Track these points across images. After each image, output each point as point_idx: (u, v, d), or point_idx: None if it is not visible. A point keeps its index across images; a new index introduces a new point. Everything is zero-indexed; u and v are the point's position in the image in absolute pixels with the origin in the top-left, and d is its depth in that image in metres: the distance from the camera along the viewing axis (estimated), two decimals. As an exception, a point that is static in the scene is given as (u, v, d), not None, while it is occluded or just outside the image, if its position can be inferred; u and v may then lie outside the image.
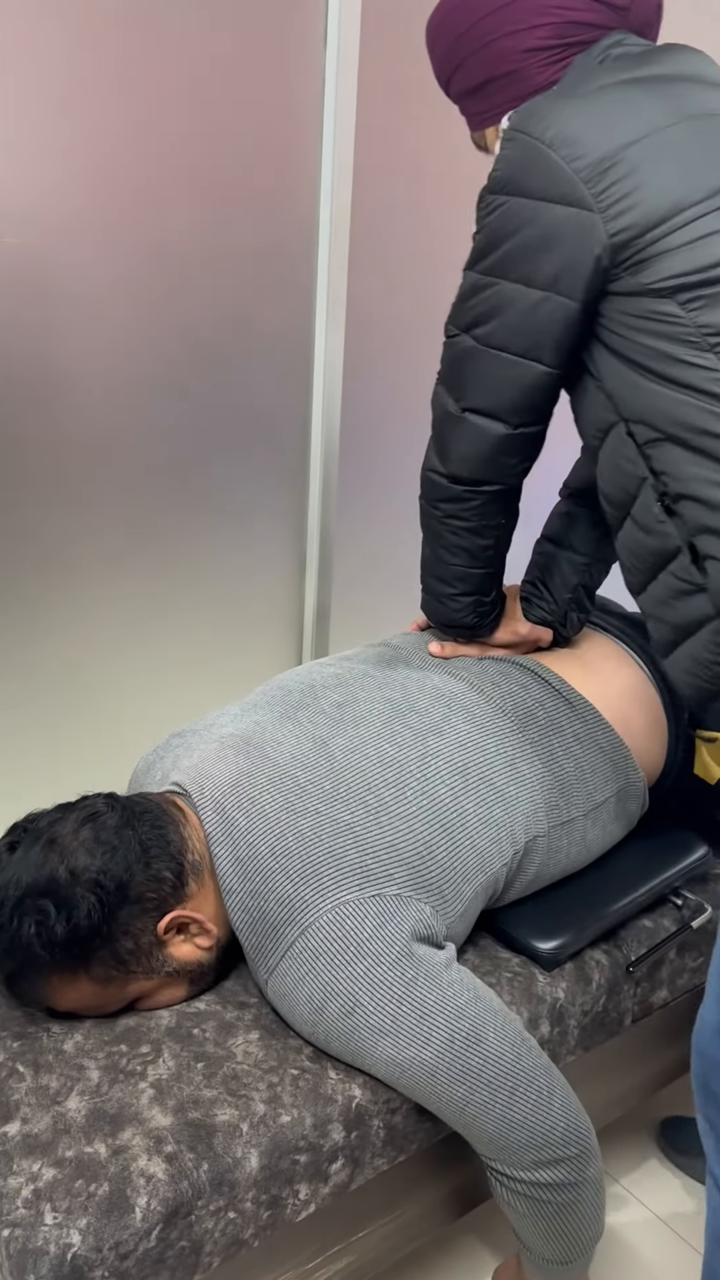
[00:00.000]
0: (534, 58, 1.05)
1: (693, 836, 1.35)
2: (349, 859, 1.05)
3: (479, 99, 1.10)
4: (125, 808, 1.09)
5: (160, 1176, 0.92)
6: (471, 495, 1.15)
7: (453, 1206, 1.19)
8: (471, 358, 1.07)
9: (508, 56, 1.05)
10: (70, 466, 1.53)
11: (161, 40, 1.39)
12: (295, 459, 1.78)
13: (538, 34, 1.03)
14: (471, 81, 1.09)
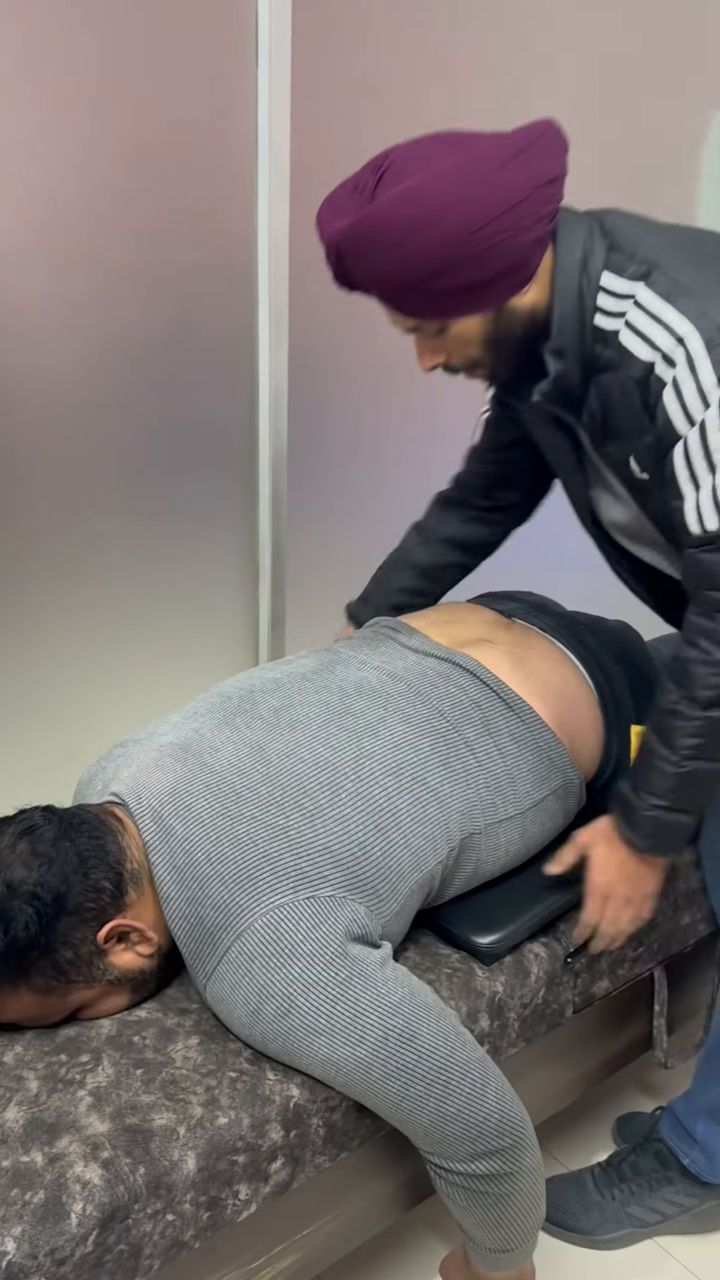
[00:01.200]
0: (539, 247, 1.05)
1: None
2: (284, 862, 1.07)
3: (473, 295, 1.05)
4: (62, 820, 1.10)
5: (96, 1182, 0.93)
6: None
7: (399, 1201, 1.20)
8: None
9: (520, 249, 1.02)
10: (16, 481, 1.54)
11: (92, 57, 1.40)
12: (244, 469, 1.79)
13: (544, 224, 1.04)
14: (471, 278, 1.03)
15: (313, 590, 1.97)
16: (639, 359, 1.04)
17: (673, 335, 1.02)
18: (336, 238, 1.03)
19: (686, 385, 1.02)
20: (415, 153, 1.02)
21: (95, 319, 1.53)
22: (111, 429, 1.61)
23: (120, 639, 1.75)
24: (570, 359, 1.09)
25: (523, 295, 1.07)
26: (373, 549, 2.02)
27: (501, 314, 1.08)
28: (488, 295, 1.06)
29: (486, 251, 1.01)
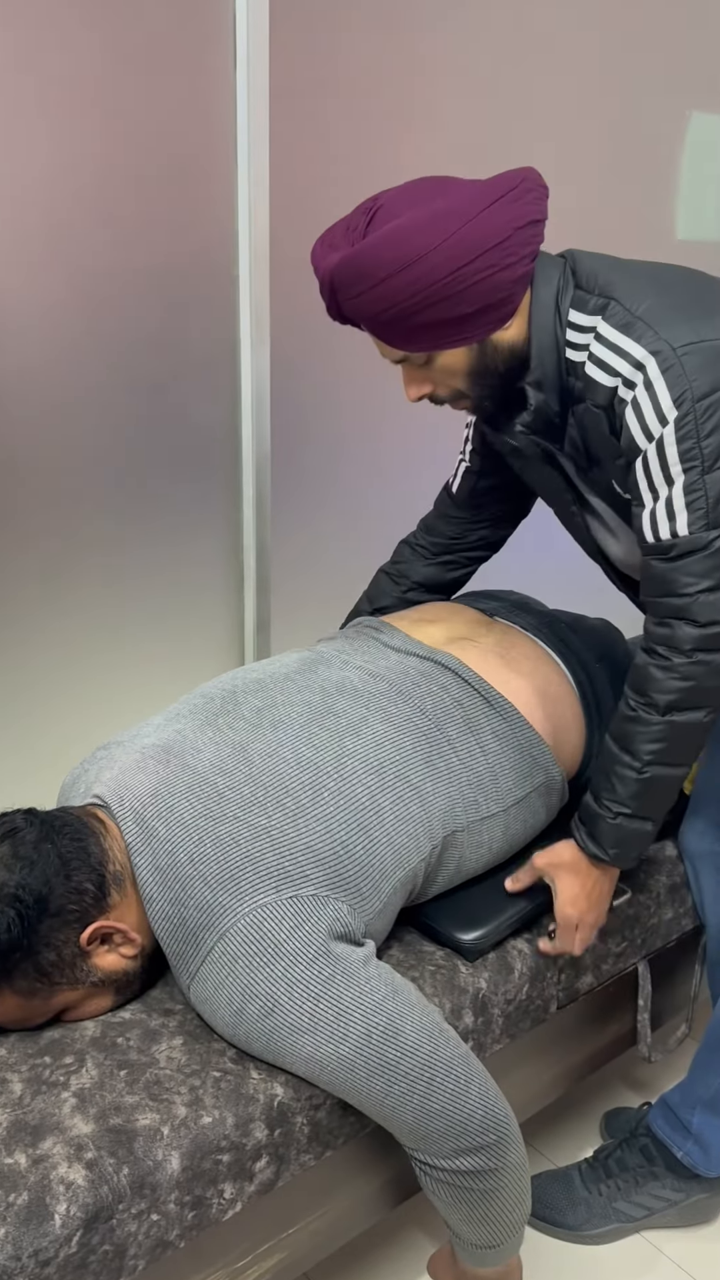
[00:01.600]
0: (520, 284, 1.11)
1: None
2: (266, 862, 1.07)
3: (458, 328, 1.11)
4: (44, 822, 1.10)
5: (80, 1183, 0.93)
6: None
7: (385, 1198, 1.21)
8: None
9: (502, 285, 1.09)
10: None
11: (71, 60, 1.40)
12: (227, 473, 1.80)
13: (524, 264, 1.10)
14: (457, 312, 1.09)
15: (298, 592, 1.98)
16: (603, 386, 1.10)
17: (630, 362, 1.08)
18: (330, 273, 1.10)
19: (645, 405, 1.07)
20: (404, 196, 1.09)
21: (76, 322, 1.53)
22: (94, 432, 1.61)
23: (105, 643, 1.75)
24: (548, 390, 1.16)
25: (505, 330, 1.13)
26: (357, 550, 2.03)
27: (485, 347, 1.13)
28: (472, 329, 1.11)
29: (470, 287, 1.07)
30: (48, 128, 1.41)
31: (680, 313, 1.08)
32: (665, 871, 1.43)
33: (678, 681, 1.12)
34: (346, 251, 1.08)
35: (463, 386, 1.17)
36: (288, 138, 1.65)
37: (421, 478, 2.06)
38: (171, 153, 1.54)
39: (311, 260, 1.13)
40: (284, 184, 1.67)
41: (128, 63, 1.46)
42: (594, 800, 1.20)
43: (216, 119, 1.57)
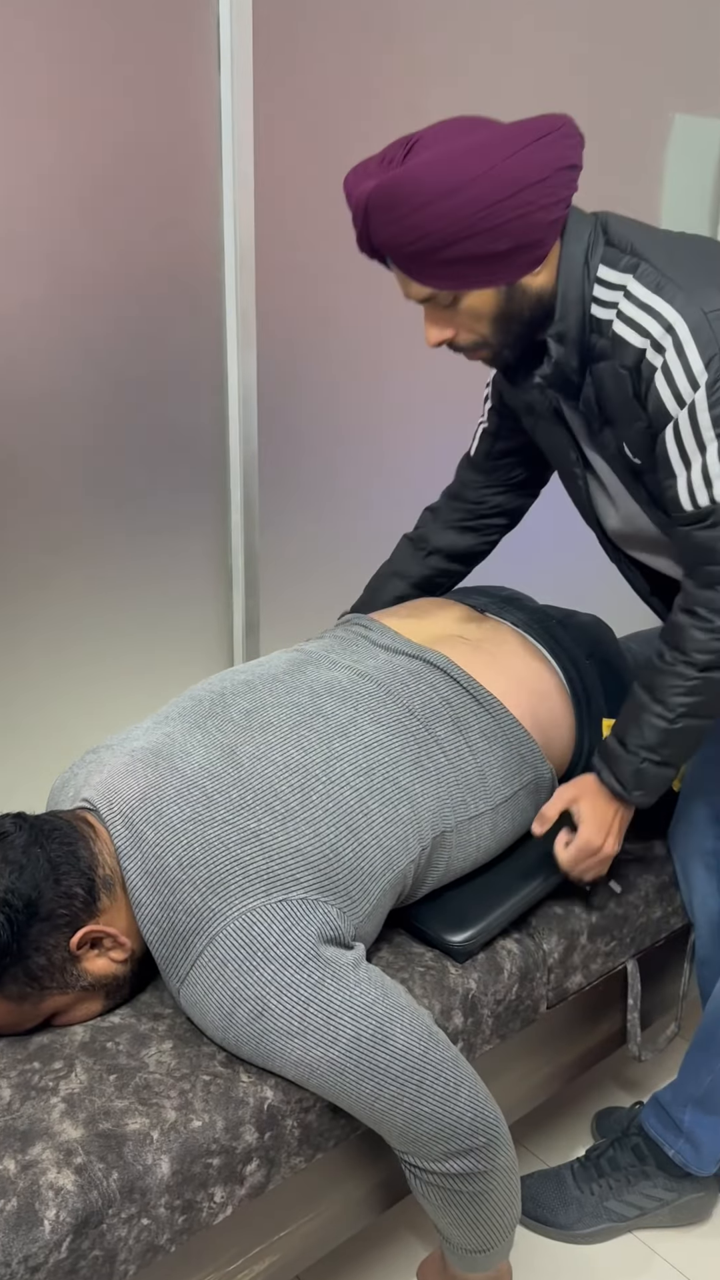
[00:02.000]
0: (554, 228, 1.10)
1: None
2: (255, 866, 1.07)
3: (489, 266, 1.10)
4: (33, 826, 1.10)
5: (69, 1188, 0.93)
6: None
7: (375, 1201, 1.21)
8: None
9: (539, 226, 1.08)
10: (-20, 491, 1.54)
11: (56, 66, 1.40)
12: (215, 474, 1.80)
13: (560, 208, 1.09)
14: (491, 249, 1.07)
15: (286, 595, 1.98)
16: (631, 346, 1.10)
17: (661, 323, 1.07)
18: (365, 198, 1.07)
19: (676, 369, 1.07)
20: (443, 130, 1.08)
21: (64, 327, 1.53)
22: (82, 437, 1.61)
23: (94, 647, 1.74)
24: (570, 345, 1.15)
25: (534, 276, 1.12)
26: (346, 552, 2.03)
27: (513, 291, 1.12)
28: (503, 270, 1.10)
29: (507, 223, 1.06)
30: (35, 133, 1.41)
31: (712, 278, 1.09)
32: (654, 870, 1.44)
33: (710, 646, 1.15)
34: (385, 176, 1.06)
35: (486, 332, 1.16)
36: (272, 141, 1.65)
37: (410, 478, 2.06)
38: (157, 157, 1.54)
39: (345, 189, 1.11)
40: (268, 187, 1.68)
41: (113, 68, 1.45)
42: (619, 744, 1.23)
43: (201, 123, 1.57)
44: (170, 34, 1.49)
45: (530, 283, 1.13)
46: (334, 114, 1.71)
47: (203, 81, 1.55)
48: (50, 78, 1.41)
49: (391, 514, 2.06)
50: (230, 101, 1.57)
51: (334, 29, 1.66)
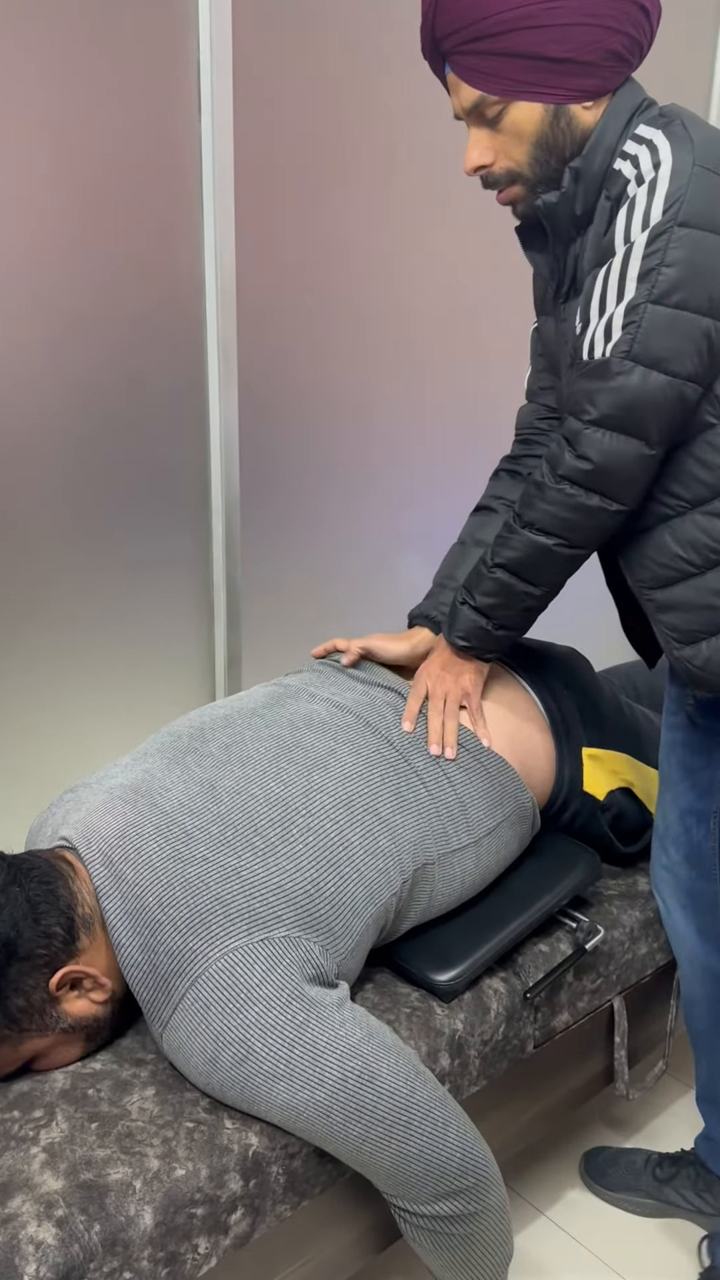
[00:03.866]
0: (610, 62, 1.08)
1: (581, 851, 1.37)
2: (236, 904, 1.06)
3: (542, 71, 1.08)
4: (12, 865, 1.08)
5: (50, 1242, 0.91)
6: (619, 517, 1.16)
7: (365, 1247, 1.18)
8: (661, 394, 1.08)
9: (599, 47, 1.07)
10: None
11: (35, 103, 1.42)
12: (197, 512, 1.80)
13: (624, 41, 1.08)
14: (548, 51, 1.06)
15: (268, 630, 1.98)
16: (622, 177, 1.10)
17: (653, 159, 1.06)
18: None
19: (639, 204, 1.06)
20: None
21: (47, 367, 1.53)
22: (65, 474, 1.61)
23: (76, 683, 1.73)
24: (584, 186, 1.13)
25: (585, 109, 1.11)
26: (327, 588, 2.03)
27: (560, 116, 1.11)
28: (555, 82, 1.09)
29: (569, 26, 1.05)
30: (15, 173, 1.42)
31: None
32: (639, 906, 1.43)
33: (541, 504, 1.16)
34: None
35: (524, 159, 1.13)
36: (253, 183, 1.67)
37: (392, 515, 2.08)
38: (138, 197, 1.56)
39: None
40: (250, 227, 1.69)
41: (94, 109, 1.47)
42: (460, 587, 1.29)
43: (182, 164, 1.59)
44: (151, 76, 1.52)
45: (579, 116, 1.11)
46: (314, 154, 1.74)
47: (183, 123, 1.57)
48: (31, 120, 1.42)
49: (373, 550, 2.07)
50: (211, 142, 1.59)
51: (313, 70, 1.69)
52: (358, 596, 2.09)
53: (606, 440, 1.10)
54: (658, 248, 1.04)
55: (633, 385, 1.07)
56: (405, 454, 2.05)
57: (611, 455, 1.10)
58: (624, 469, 1.11)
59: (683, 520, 1.14)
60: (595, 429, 1.10)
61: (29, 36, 1.38)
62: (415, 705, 1.31)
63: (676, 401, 1.08)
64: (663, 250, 1.04)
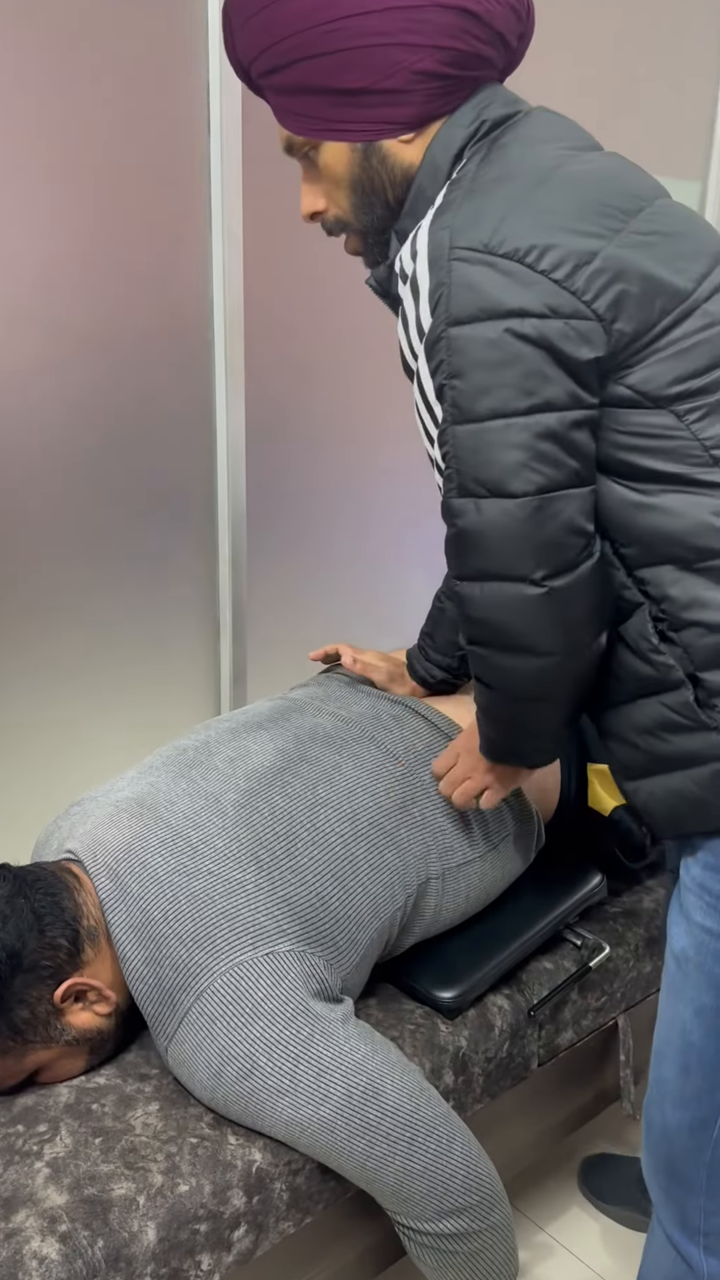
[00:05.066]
0: (423, 84, 0.92)
1: (586, 867, 1.37)
2: (242, 918, 1.06)
3: (337, 106, 0.93)
4: (17, 877, 1.09)
5: (54, 1257, 0.91)
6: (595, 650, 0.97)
7: (367, 1265, 1.18)
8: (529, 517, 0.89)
9: (396, 69, 0.90)
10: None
11: (48, 121, 1.43)
12: (203, 527, 1.81)
13: (438, 57, 0.90)
14: (339, 83, 0.91)
15: (273, 645, 1.98)
16: (393, 270, 0.94)
17: (411, 247, 0.89)
18: (227, 5, 0.95)
19: (409, 310, 0.90)
20: None
21: (53, 382, 1.55)
22: (72, 490, 1.62)
23: (82, 696, 1.74)
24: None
25: (402, 144, 0.95)
26: (332, 602, 2.04)
27: (371, 154, 0.95)
28: (356, 117, 0.93)
29: (356, 50, 0.89)
30: (23, 191, 1.44)
31: (523, 201, 0.85)
32: (643, 924, 1.43)
33: (471, 662, 0.98)
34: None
35: (346, 206, 0.99)
36: (261, 201, 1.69)
37: (397, 530, 2.08)
38: (147, 216, 1.57)
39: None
40: (257, 244, 1.71)
41: (104, 127, 1.49)
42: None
43: (191, 184, 1.61)
44: (160, 91, 1.53)
45: (395, 152, 0.95)
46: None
47: (192, 141, 1.59)
48: (38, 136, 1.44)
49: (378, 565, 2.08)
50: (220, 160, 1.61)
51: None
52: (362, 612, 2.09)
53: (481, 592, 0.91)
54: (439, 359, 0.86)
55: (472, 524, 0.89)
56: (411, 471, 2.06)
57: (494, 608, 0.91)
58: (517, 618, 0.90)
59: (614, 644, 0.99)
60: (467, 583, 0.92)
61: (36, 50, 1.40)
62: (443, 765, 1.21)
63: (535, 524, 0.87)
64: (445, 360, 0.86)
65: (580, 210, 0.86)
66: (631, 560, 0.92)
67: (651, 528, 0.90)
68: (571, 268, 0.84)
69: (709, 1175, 1.01)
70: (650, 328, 0.86)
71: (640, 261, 0.86)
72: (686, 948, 0.99)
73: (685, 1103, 1.01)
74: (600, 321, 0.85)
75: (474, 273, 0.84)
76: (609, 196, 0.88)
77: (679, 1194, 1.04)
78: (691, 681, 0.91)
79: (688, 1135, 1.01)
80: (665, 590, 0.91)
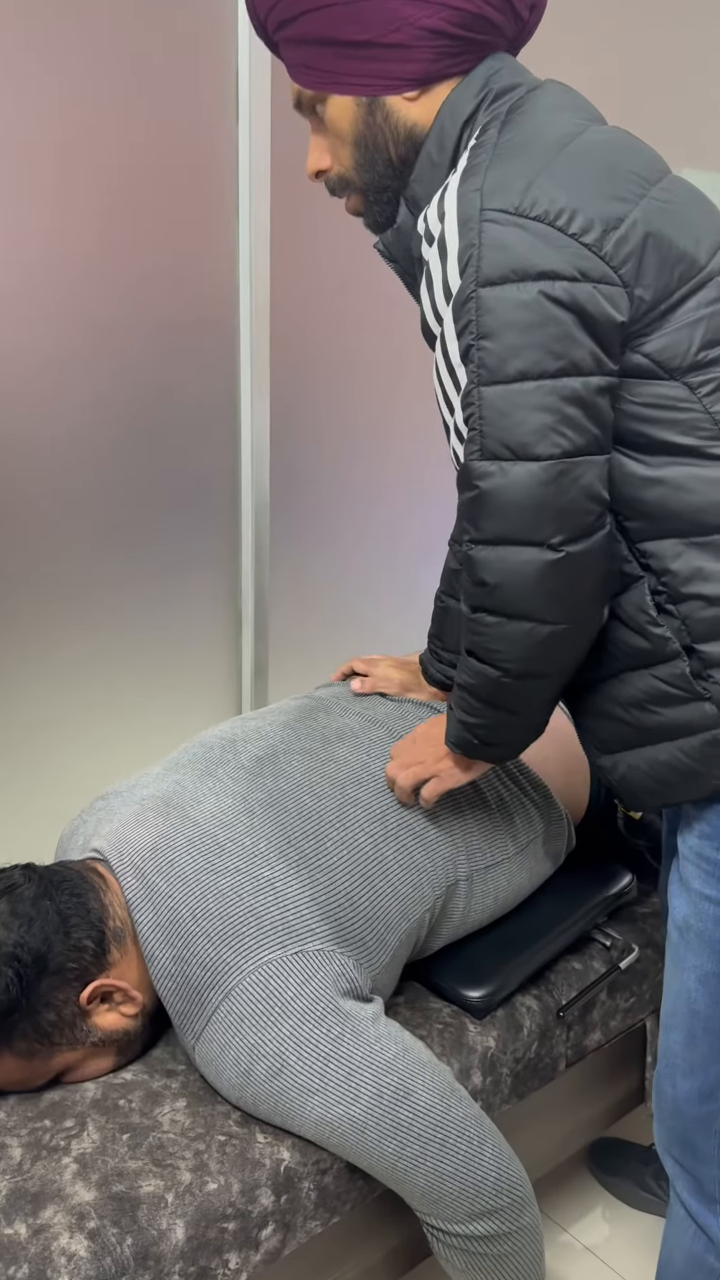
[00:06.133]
0: (429, 41, 0.91)
1: (616, 867, 1.36)
2: (270, 916, 1.05)
3: (343, 58, 0.93)
4: (43, 878, 1.08)
5: (82, 1254, 0.90)
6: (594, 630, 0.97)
7: (393, 1266, 1.17)
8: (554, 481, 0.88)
9: (404, 23, 0.90)
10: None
11: (72, 109, 1.43)
12: (226, 519, 1.80)
13: (445, 15, 0.90)
14: (344, 34, 0.91)
15: (295, 638, 1.97)
16: (416, 233, 0.93)
17: (439, 208, 0.88)
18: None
19: (435, 271, 0.88)
20: None
21: (80, 372, 1.54)
22: (95, 480, 1.61)
23: (103, 689, 1.73)
24: (419, 215, 0.94)
25: (406, 101, 0.94)
26: (354, 597, 2.03)
27: (375, 109, 0.95)
28: (361, 71, 0.93)
29: (360, 3, 0.89)
30: (52, 181, 1.43)
31: (550, 166, 0.85)
32: (672, 923, 1.41)
33: (469, 634, 0.96)
34: None
35: (349, 163, 0.98)
36: (289, 191, 1.68)
37: (421, 525, 2.07)
38: (174, 207, 1.56)
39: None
40: (284, 237, 1.70)
41: (130, 118, 1.48)
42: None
43: (218, 173, 1.60)
44: (189, 85, 1.52)
45: (399, 109, 0.94)
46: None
47: (220, 132, 1.58)
48: (67, 128, 1.43)
49: (401, 560, 2.07)
50: (248, 152, 1.60)
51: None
52: (385, 606, 2.08)
53: (495, 556, 0.90)
54: (467, 319, 0.86)
55: (495, 487, 0.88)
56: (435, 465, 2.04)
57: (509, 573, 0.90)
58: (530, 583, 0.90)
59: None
60: (482, 547, 0.91)
61: (67, 42, 1.39)
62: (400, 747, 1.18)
63: (558, 489, 0.87)
64: (474, 319, 0.85)
65: (606, 175, 0.87)
66: (635, 533, 0.93)
67: (658, 502, 0.91)
68: (600, 232, 0.85)
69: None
70: (668, 295, 0.88)
71: (663, 227, 0.87)
72: (688, 916, 1.01)
73: (693, 1071, 1.02)
74: (625, 287, 0.86)
75: (506, 234, 0.84)
76: (631, 163, 0.90)
77: (693, 1164, 1.05)
78: (688, 653, 0.93)
79: (697, 1104, 1.03)
80: (667, 564, 0.92)
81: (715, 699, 0.92)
